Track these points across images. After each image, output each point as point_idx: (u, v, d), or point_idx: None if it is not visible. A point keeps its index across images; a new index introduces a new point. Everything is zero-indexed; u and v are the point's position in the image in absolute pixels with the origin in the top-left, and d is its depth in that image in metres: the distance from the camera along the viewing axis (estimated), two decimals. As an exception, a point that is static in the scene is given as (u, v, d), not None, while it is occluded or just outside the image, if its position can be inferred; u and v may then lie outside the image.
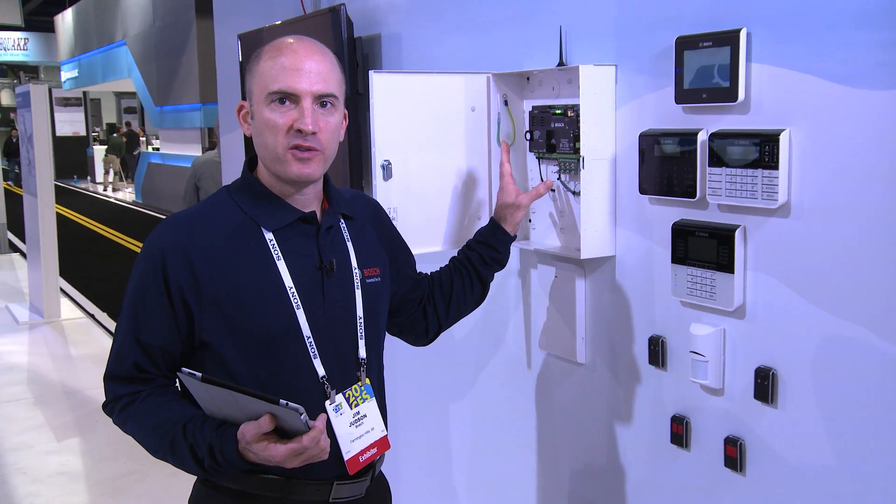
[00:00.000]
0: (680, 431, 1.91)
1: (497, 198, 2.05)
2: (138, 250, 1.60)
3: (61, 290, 8.17)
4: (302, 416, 1.35)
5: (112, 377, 1.59)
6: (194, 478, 1.65)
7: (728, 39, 1.67)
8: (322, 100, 1.53)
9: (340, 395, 1.60)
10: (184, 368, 1.38)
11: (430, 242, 2.19)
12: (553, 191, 2.20)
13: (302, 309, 1.55)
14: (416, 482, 2.97)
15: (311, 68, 1.52)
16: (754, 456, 1.76)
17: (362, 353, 1.64)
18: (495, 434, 2.58)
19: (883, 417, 1.52)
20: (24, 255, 10.05)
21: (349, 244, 1.67)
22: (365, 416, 1.63)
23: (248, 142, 1.62)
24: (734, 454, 1.78)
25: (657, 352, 1.95)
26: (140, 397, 1.55)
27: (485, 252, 1.99)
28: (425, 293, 1.94)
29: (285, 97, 1.51)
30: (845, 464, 1.59)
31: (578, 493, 2.28)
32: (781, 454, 1.70)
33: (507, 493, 2.55)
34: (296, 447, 1.38)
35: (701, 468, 1.88)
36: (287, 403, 1.34)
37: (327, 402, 1.58)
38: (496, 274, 2.05)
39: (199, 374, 1.35)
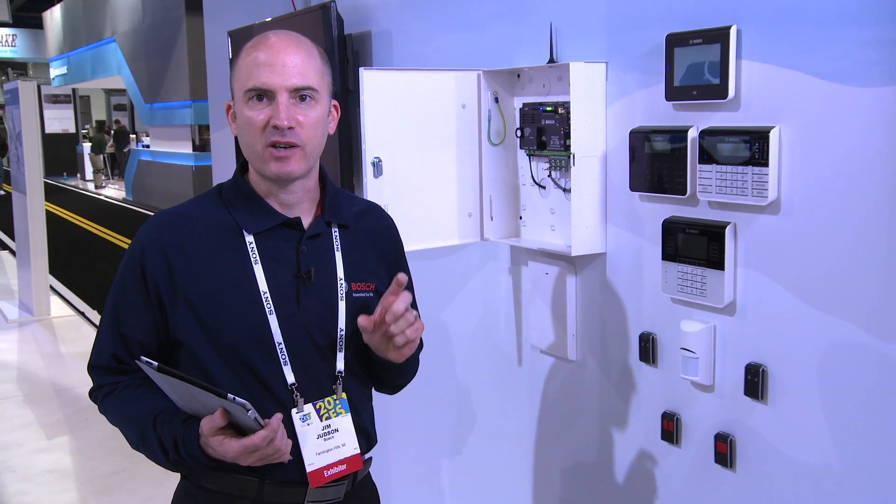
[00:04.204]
0: (670, 428, 1.91)
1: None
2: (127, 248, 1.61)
3: (51, 287, 8.14)
4: (249, 413, 1.34)
5: (94, 367, 1.61)
6: (180, 476, 1.65)
7: (718, 36, 1.67)
8: (300, 93, 1.49)
9: (310, 405, 1.57)
10: (142, 357, 1.37)
11: (420, 239, 2.19)
12: (543, 187, 2.21)
13: (274, 314, 1.53)
14: (406, 481, 2.97)
15: (285, 62, 1.48)
16: (745, 452, 1.76)
17: (340, 366, 1.60)
18: (486, 431, 2.58)
19: (873, 413, 1.53)
20: (13, 252, 10.01)
21: (338, 254, 1.62)
22: (336, 430, 1.59)
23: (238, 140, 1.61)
24: (724, 450, 1.78)
25: (648, 348, 1.95)
26: (119, 388, 1.57)
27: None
28: None
29: (262, 94, 1.48)
30: (835, 459, 1.60)
31: (569, 491, 2.28)
32: (772, 450, 1.71)
33: (498, 490, 2.55)
34: (248, 444, 1.38)
35: (691, 464, 1.89)
36: (234, 398, 1.33)
37: (294, 410, 1.55)
38: (489, 269, 2.03)
39: (156, 364, 1.35)
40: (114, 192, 19.89)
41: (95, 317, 7.40)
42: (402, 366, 1.63)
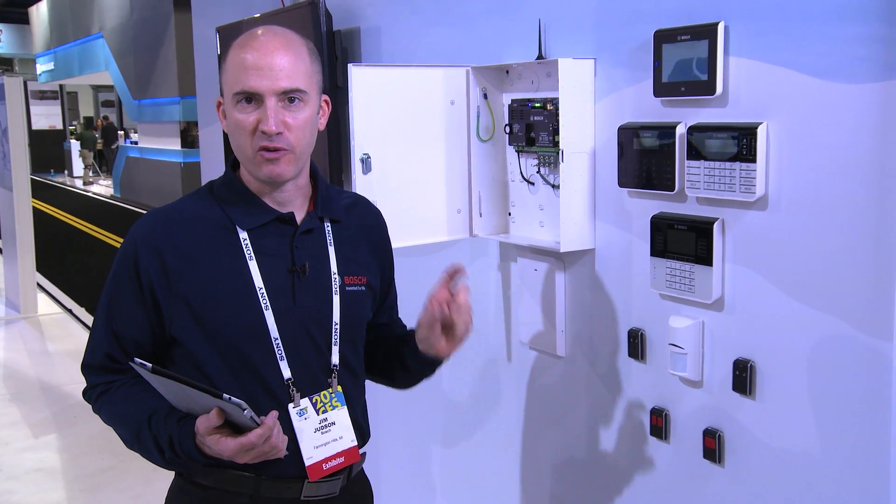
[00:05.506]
0: (659, 423, 1.92)
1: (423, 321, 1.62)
2: (116, 245, 1.60)
3: (38, 285, 8.09)
4: (245, 412, 1.34)
5: (88, 366, 1.60)
6: (174, 473, 1.64)
7: (706, 33, 1.68)
8: (289, 95, 1.49)
9: (307, 399, 1.57)
10: (136, 359, 1.37)
11: (409, 236, 2.19)
12: (532, 184, 2.21)
13: (270, 310, 1.54)
14: (396, 478, 2.97)
15: (273, 65, 1.47)
16: (733, 447, 1.77)
17: (335, 359, 1.61)
18: (476, 427, 2.59)
19: (860, 408, 1.53)
20: (0, 249, 9.96)
21: (331, 249, 1.63)
22: (333, 423, 1.60)
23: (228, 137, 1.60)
24: (713, 446, 1.79)
25: (636, 344, 1.95)
26: (113, 387, 1.57)
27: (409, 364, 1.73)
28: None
29: (250, 97, 1.48)
30: (823, 454, 1.60)
31: (559, 486, 2.28)
32: (760, 445, 1.72)
33: (489, 485, 2.55)
34: (245, 443, 1.38)
35: (680, 460, 1.89)
36: (230, 398, 1.33)
37: (290, 405, 1.56)
38: (478, 265, 2.03)
39: (150, 365, 1.34)
40: (102, 188, 19.80)
41: (83, 314, 7.36)
42: (435, 362, 1.67)
